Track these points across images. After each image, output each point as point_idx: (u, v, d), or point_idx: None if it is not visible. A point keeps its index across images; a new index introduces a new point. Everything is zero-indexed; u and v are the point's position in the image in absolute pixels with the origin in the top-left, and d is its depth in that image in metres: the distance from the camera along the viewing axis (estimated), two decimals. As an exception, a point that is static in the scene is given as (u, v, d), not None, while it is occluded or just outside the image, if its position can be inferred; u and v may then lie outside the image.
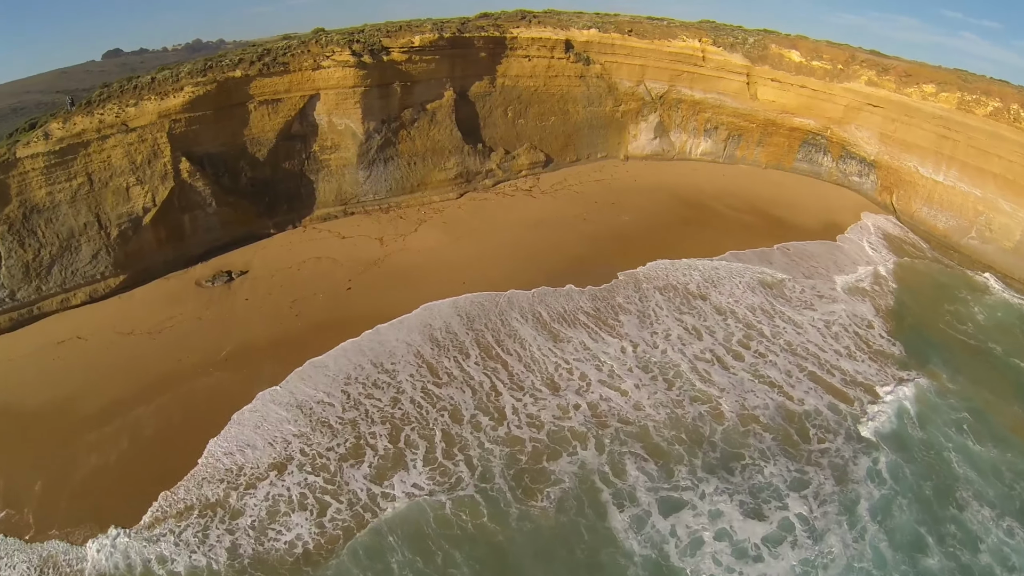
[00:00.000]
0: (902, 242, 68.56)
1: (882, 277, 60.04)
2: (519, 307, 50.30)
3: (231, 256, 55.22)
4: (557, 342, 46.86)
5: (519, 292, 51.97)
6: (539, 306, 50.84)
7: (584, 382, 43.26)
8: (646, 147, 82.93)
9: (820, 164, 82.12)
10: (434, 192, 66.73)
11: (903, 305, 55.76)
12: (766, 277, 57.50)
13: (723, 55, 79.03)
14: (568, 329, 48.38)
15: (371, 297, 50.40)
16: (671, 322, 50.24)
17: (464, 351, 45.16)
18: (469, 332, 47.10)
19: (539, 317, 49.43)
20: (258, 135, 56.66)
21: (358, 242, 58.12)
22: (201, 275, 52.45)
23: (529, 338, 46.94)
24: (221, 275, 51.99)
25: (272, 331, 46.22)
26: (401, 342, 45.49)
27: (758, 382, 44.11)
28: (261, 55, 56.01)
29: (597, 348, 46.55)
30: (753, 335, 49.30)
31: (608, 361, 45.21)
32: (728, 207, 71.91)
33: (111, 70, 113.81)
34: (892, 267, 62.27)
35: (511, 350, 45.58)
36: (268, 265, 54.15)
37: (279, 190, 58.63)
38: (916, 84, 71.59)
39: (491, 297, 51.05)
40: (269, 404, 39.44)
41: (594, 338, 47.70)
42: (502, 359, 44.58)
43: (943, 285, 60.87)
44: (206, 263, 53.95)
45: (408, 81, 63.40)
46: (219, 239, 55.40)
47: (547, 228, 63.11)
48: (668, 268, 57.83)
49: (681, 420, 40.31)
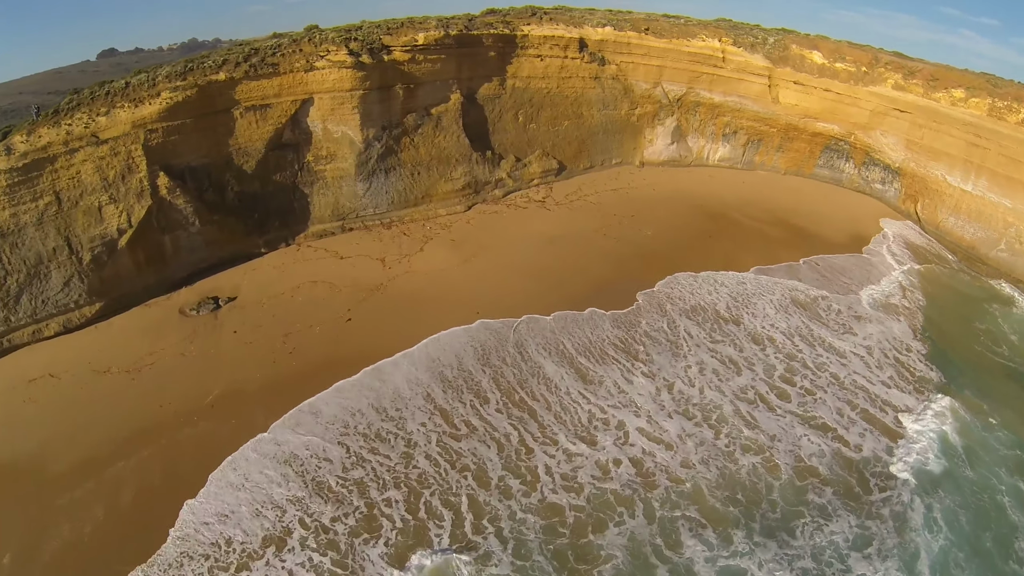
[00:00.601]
0: (928, 253, 65.15)
1: (911, 293, 56.49)
2: (540, 337, 45.29)
3: (218, 279, 49.75)
4: (588, 383, 41.76)
5: (538, 318, 47.08)
6: (562, 336, 45.86)
7: (622, 432, 38.19)
8: (662, 153, 78.00)
9: (841, 171, 78.54)
10: (440, 204, 61.26)
11: (935, 324, 52.09)
12: (797, 295, 53.89)
13: (744, 56, 74.36)
14: (597, 366, 43.36)
15: (373, 329, 45.03)
16: (705, 354, 45.65)
17: (482, 394, 39.89)
18: (486, 370, 41.89)
19: (563, 351, 44.37)
20: (245, 145, 50.90)
21: (358, 263, 52.55)
22: (185, 302, 47.06)
23: (555, 377, 41.82)
24: (207, 302, 46.50)
25: (264, 372, 40.78)
26: (406, 382, 40.17)
27: (809, 425, 39.54)
28: (247, 55, 50.21)
29: (631, 390, 41.49)
30: (796, 368, 44.90)
31: (645, 405, 40.24)
32: (750, 218, 67.86)
33: (106, 70, 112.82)
34: (919, 281, 58.79)
35: (537, 393, 40.35)
36: (258, 290, 48.63)
37: (270, 205, 52.94)
38: (944, 89, 67.77)
39: (507, 326, 45.98)
40: (253, 458, 34.27)
41: (627, 376, 42.69)
42: (528, 405, 39.33)
43: (972, 299, 57.64)
44: (191, 287, 48.54)
45: (411, 83, 57.81)
46: (204, 260, 49.78)
47: (564, 245, 57.95)
48: (693, 285, 53.69)
49: (735, 476, 35.66)
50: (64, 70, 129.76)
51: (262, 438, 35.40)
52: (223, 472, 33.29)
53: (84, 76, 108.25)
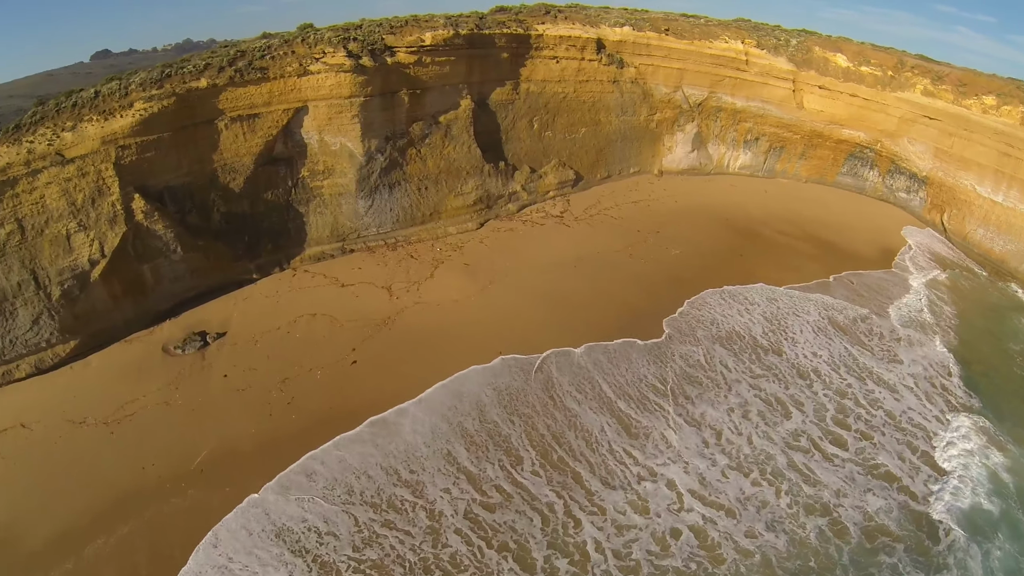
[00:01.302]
0: (956, 266, 62.71)
1: (943, 309, 54.10)
2: (571, 376, 40.34)
3: (206, 310, 44.13)
4: (632, 436, 36.66)
5: (567, 352, 42.25)
6: (596, 374, 40.91)
7: (675, 494, 33.28)
8: (682, 161, 73.08)
9: (865, 179, 75.13)
10: (450, 222, 55.68)
11: (971, 347, 49.34)
12: (834, 315, 50.82)
13: (767, 59, 70.18)
14: (639, 412, 38.34)
15: (381, 372, 39.48)
16: (747, 391, 41.36)
17: (513, 452, 34.58)
18: (514, 420, 36.65)
19: (600, 393, 39.35)
20: (232, 160, 45.05)
21: (361, 292, 46.90)
22: (169, 337, 41.43)
23: (595, 429, 36.70)
24: (193, 338, 40.83)
25: (259, 426, 35.27)
26: (421, 436, 34.92)
27: (871, 476, 35.64)
28: (232, 59, 44.34)
29: (678, 441, 36.64)
30: (847, 407, 40.89)
31: (694, 460, 35.47)
32: (780, 233, 63.90)
33: (99, 72, 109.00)
34: (950, 296, 56.59)
35: (577, 450, 35.13)
36: (251, 324, 42.95)
37: (261, 227, 47.12)
38: (975, 95, 64.60)
39: (532, 364, 40.93)
40: (240, 533, 28.97)
41: (672, 426, 37.75)
42: (568, 466, 34.04)
43: (1004, 317, 55.23)
44: (175, 320, 42.94)
45: (417, 88, 52.18)
46: (190, 289, 44.09)
47: (589, 267, 52.74)
48: (722, 305, 49.89)
49: (804, 542, 31.41)
50: (56, 72, 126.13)
51: (252, 501, 30.43)
52: (204, 554, 28.02)
53: (76, 79, 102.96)
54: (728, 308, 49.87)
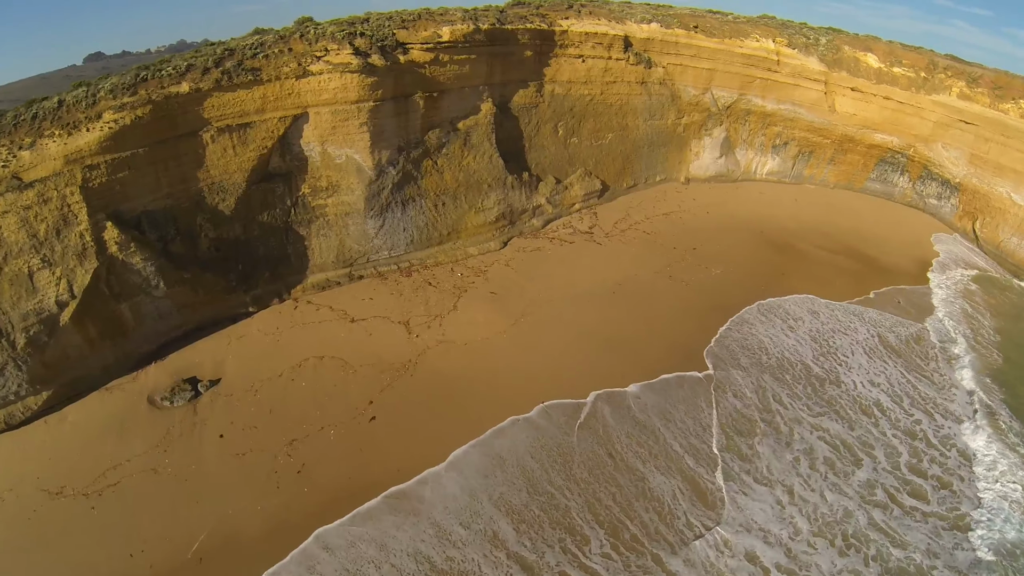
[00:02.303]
0: (990, 278, 59.95)
1: (982, 326, 51.33)
2: (629, 426, 35.23)
3: (196, 351, 37.77)
4: (708, 505, 31.28)
5: (617, 395, 37.38)
6: (656, 421, 35.92)
7: (760, 569, 28.63)
8: (709, 167, 67.88)
9: (895, 185, 71.79)
10: (470, 242, 49.55)
11: (1015, 365, 46.42)
12: (885, 335, 47.91)
13: (799, 59, 65.76)
14: (710, 472, 33.16)
15: (406, 431, 33.52)
16: (809, 434, 37.27)
17: (576, 529, 29.05)
18: (571, 489, 31.11)
19: (665, 447, 34.21)
20: (220, 178, 38.54)
21: (375, 329, 40.66)
22: (155, 385, 35.24)
23: (667, 496, 31.31)
24: (182, 387, 34.69)
25: (266, 502, 29.36)
26: (456, 512, 29.22)
27: (958, 529, 32.00)
28: (219, 59, 37.87)
29: (752, 507, 31.68)
30: (920, 450, 37.08)
31: (774, 528, 30.81)
32: (818, 247, 59.93)
33: (92, 75, 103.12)
34: (986, 310, 54.21)
35: (651, 526, 29.71)
36: (248, 369, 36.70)
37: (256, 253, 40.66)
38: (1012, 99, 61.59)
39: (579, 410, 35.79)
40: None
41: (743, 489, 32.64)
42: (644, 547, 28.52)
43: None
44: (161, 362, 36.66)
45: (434, 91, 45.99)
46: (177, 327, 37.82)
47: (628, 294, 47.21)
48: (769, 328, 46.20)
49: None
50: (50, 75, 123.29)
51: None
52: None
53: (69, 81, 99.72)
54: (771, 327, 46.37)
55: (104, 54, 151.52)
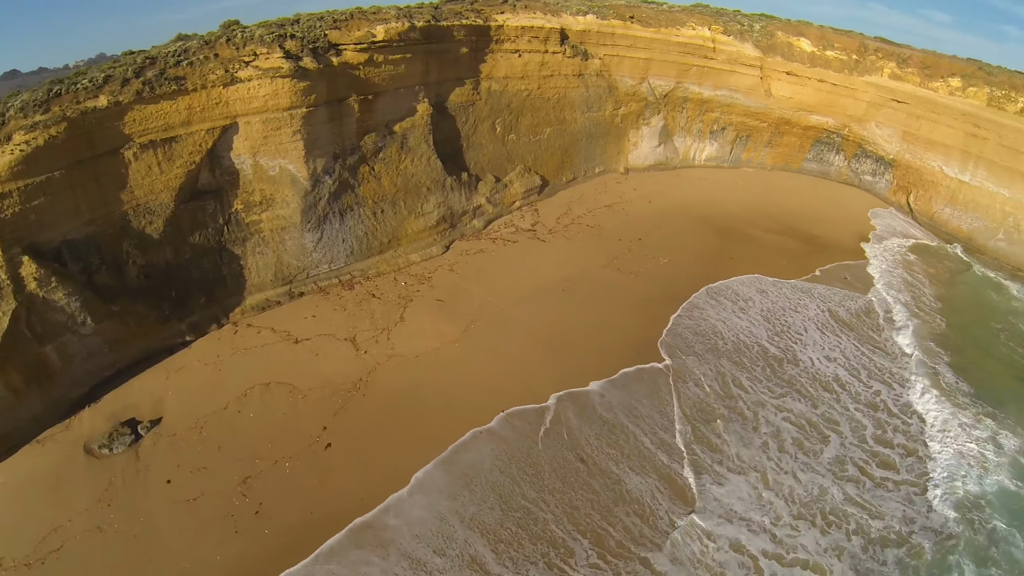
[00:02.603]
0: (927, 247, 64.06)
1: (923, 294, 54.42)
2: (597, 428, 35.25)
3: (132, 389, 35.05)
4: (688, 501, 31.85)
5: (580, 394, 37.41)
6: (624, 417, 36.18)
7: (748, 560, 29.21)
8: (648, 156, 68.39)
9: (830, 164, 74.69)
10: (412, 248, 48.23)
11: (957, 329, 49.39)
12: (837, 310, 49.82)
13: (734, 45, 67.11)
14: (682, 466, 33.65)
15: (365, 455, 32.38)
16: (774, 416, 38.09)
17: (559, 542, 28.64)
18: (547, 500, 30.73)
19: (637, 445, 34.47)
20: (146, 199, 35.92)
21: (320, 348, 39.07)
22: (91, 432, 32.44)
23: (646, 497, 31.57)
24: (121, 431, 32.18)
25: (225, 551, 27.56)
26: (427, 539, 28.35)
27: (927, 495, 33.68)
28: (140, 68, 35.12)
29: (730, 497, 32.30)
30: (883, 420, 38.68)
31: (756, 516, 31.42)
32: (762, 230, 61.59)
33: (5, 93, 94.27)
34: (924, 277, 57.49)
35: (635, 529, 29.75)
36: (191, 404, 34.53)
37: (190, 277, 38.27)
38: (941, 78, 64.97)
39: (543, 416, 35.51)
40: None
41: (718, 480, 33.27)
42: (632, 552, 28.60)
43: (980, 295, 56.45)
44: (95, 405, 33.82)
45: (369, 93, 44.14)
46: (109, 366, 35.12)
47: (577, 290, 47.22)
48: (725, 317, 46.83)
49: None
50: None
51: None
52: None
53: None
54: (722, 310, 47.39)
55: (20, 72, 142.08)
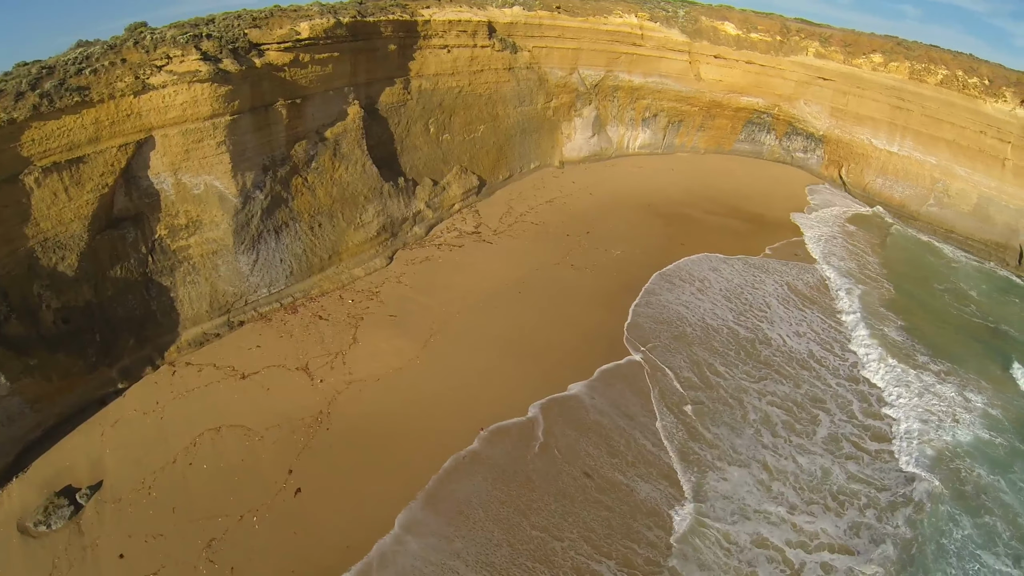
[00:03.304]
0: (863, 217, 67.30)
1: (865, 261, 57.34)
2: (595, 436, 34.06)
3: (64, 450, 30.39)
4: (698, 498, 31.38)
5: (565, 399, 36.32)
6: (619, 419, 35.37)
7: (775, 553, 29.07)
8: (583, 148, 67.77)
9: (762, 143, 77.32)
10: (354, 263, 45.07)
11: (905, 293, 52.44)
12: (795, 283, 51.54)
13: (662, 31, 68.02)
14: (690, 468, 33.03)
15: (339, 497, 29.60)
16: (759, 402, 38.30)
17: (583, 570, 26.96)
18: (560, 525, 28.89)
19: (639, 449, 33.60)
20: (55, 231, 31.22)
21: (271, 380, 35.57)
22: (23, 506, 27.79)
23: (661, 505, 30.65)
24: (57, 503, 27.73)
25: (197, 634, 24.52)
26: None
27: (923, 454, 35.41)
28: (35, 80, 30.43)
29: (736, 491, 32.08)
30: (866, 392, 39.96)
31: (771, 508, 31.34)
32: (706, 212, 62.97)
33: None
34: (866, 246, 60.42)
35: (661, 543, 28.58)
36: (133, 462, 30.33)
37: (115, 317, 33.79)
38: (863, 54, 68.00)
39: (530, 429, 33.95)
40: None
41: (722, 476, 32.93)
42: (661, 565, 27.54)
43: (919, 259, 60.14)
44: (24, 475, 29.06)
45: (297, 96, 40.60)
46: (34, 428, 30.29)
47: (534, 291, 45.96)
48: (686, 300, 47.21)
49: (915, 541, 30.26)
50: None
51: None
52: None
53: None
54: (681, 293, 47.79)
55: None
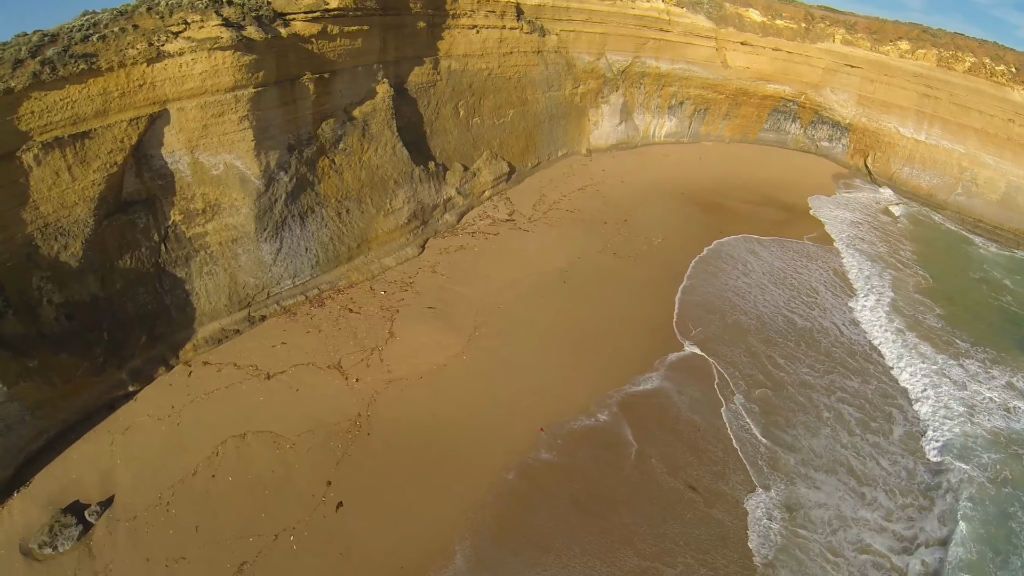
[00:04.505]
0: (890, 205, 65.74)
1: (901, 249, 56.09)
2: (685, 437, 31.93)
3: (70, 461, 26.73)
4: (799, 524, 28.58)
5: (651, 396, 33.91)
6: (695, 416, 33.06)
7: (882, 559, 27.68)
8: (610, 135, 65.02)
9: (787, 132, 75.43)
10: (384, 251, 41.45)
11: (940, 281, 51.02)
12: (839, 269, 50.61)
13: (688, 17, 66.14)
14: (779, 475, 30.86)
15: (388, 511, 26.17)
16: (828, 399, 36.06)
17: None
18: (673, 551, 26.12)
19: (725, 456, 31.23)
20: (57, 215, 27.38)
21: (300, 380, 31.86)
22: (26, 525, 24.29)
23: (759, 516, 28.39)
24: (64, 522, 24.29)
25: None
26: None
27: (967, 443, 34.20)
28: (36, 47, 26.84)
29: (829, 499, 30.06)
30: (917, 383, 38.72)
31: (868, 515, 29.70)
32: (740, 201, 61.16)
33: None
34: (899, 236, 58.86)
35: (778, 565, 25.81)
36: (148, 475, 26.72)
37: (124, 312, 29.95)
38: (890, 41, 66.53)
39: (616, 430, 31.26)
40: None
41: (815, 484, 30.73)
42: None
43: (952, 247, 58.75)
44: (27, 489, 25.44)
45: (324, 71, 37.09)
46: (36, 437, 26.73)
47: (579, 281, 43.12)
48: (738, 287, 45.70)
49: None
50: None
51: None
52: None
53: None
54: (727, 279, 46.44)
55: None
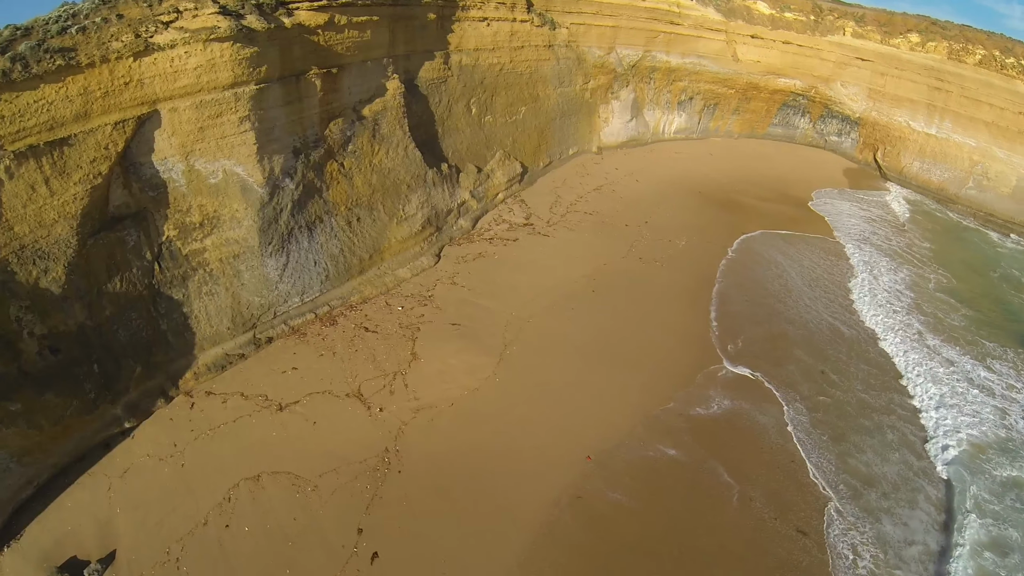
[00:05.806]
0: (902, 200, 64.13)
1: (918, 246, 54.88)
2: (766, 468, 28.90)
3: (64, 511, 23.18)
4: (884, 547, 26.24)
5: (690, 422, 30.45)
6: (760, 440, 30.13)
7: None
8: (621, 132, 62.72)
9: (796, 127, 74.16)
10: (398, 262, 38.07)
11: (961, 279, 49.56)
12: (872, 269, 49.40)
13: (698, 10, 64.75)
14: (863, 511, 27.91)
15: (431, 561, 22.94)
16: (888, 418, 33.57)
17: None
18: None
19: (811, 489, 28.34)
20: (34, 236, 23.52)
21: (316, 411, 28.40)
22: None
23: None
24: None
25: None
26: None
27: None
28: (7, 43, 23.24)
29: (916, 534, 27.41)
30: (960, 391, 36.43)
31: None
32: (757, 199, 59.49)
33: None
34: (916, 231, 57.78)
35: None
36: (152, 524, 23.15)
37: (115, 341, 26.27)
38: (900, 34, 65.36)
39: (680, 461, 28.38)
40: None
41: (900, 520, 28.09)
42: None
43: (967, 243, 57.47)
44: (18, 543, 21.95)
45: (332, 66, 33.60)
46: (25, 485, 23.19)
47: (608, 289, 40.31)
48: (774, 290, 43.80)
49: None
50: None
51: None
52: None
53: None
54: (762, 280, 44.46)
55: None
